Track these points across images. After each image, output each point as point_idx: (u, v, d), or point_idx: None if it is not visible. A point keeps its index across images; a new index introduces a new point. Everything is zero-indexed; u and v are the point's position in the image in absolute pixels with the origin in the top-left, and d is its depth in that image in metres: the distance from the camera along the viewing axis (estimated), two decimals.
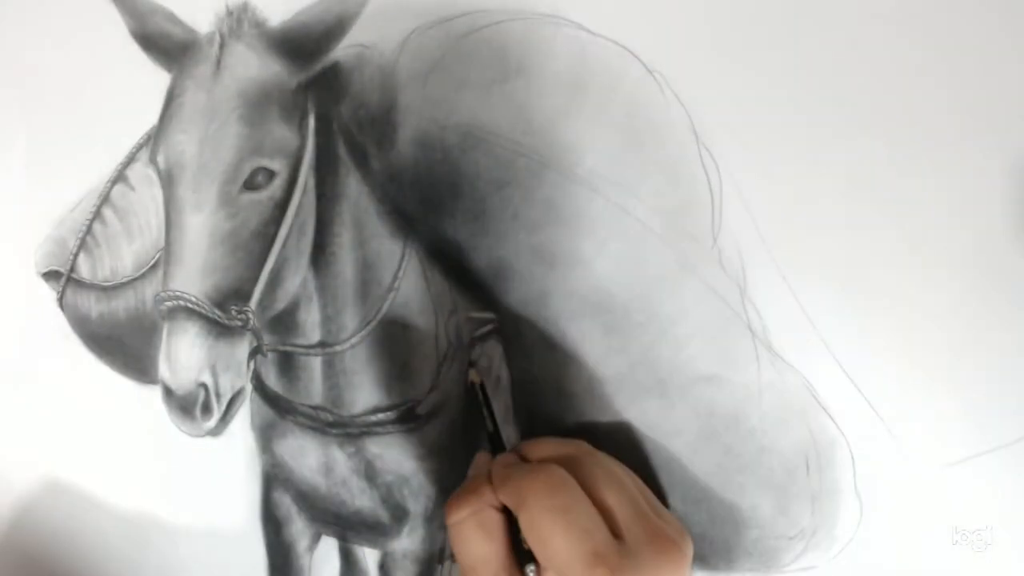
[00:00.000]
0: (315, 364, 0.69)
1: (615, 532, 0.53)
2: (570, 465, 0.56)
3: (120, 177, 0.72)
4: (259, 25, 0.65)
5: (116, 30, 0.66)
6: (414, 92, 0.65)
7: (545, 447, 0.60)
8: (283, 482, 0.74)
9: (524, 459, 0.60)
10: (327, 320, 0.68)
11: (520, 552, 0.55)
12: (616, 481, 0.57)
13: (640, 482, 0.61)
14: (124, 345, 0.73)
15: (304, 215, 0.64)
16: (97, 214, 0.72)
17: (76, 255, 0.72)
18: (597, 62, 0.64)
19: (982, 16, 0.59)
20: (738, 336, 0.65)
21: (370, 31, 0.65)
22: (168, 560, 0.76)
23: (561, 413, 0.68)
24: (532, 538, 0.53)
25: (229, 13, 0.64)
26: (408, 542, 0.72)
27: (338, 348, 0.68)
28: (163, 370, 0.61)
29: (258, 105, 0.62)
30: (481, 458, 0.66)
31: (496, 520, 0.56)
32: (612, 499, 0.55)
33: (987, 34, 0.59)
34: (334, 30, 0.63)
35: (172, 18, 0.66)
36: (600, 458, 0.59)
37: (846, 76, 0.61)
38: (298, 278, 0.65)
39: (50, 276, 0.74)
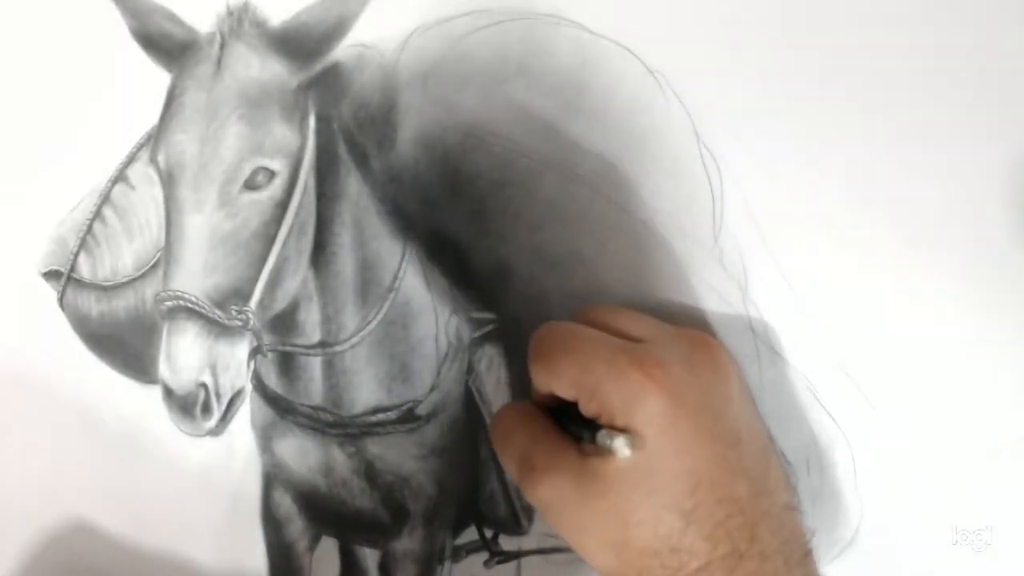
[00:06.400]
0: (315, 364, 0.69)
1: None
2: None
3: (121, 176, 0.71)
4: (260, 25, 0.64)
5: (116, 30, 0.66)
6: (414, 92, 0.65)
7: None
8: (283, 482, 0.74)
9: None
10: (327, 320, 0.68)
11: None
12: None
13: None
14: (124, 345, 0.73)
15: (304, 215, 0.64)
16: (97, 213, 0.71)
17: (76, 255, 0.72)
18: (597, 62, 0.64)
19: (982, 16, 0.59)
20: (739, 336, 0.65)
21: (371, 31, 0.65)
22: (168, 560, 0.76)
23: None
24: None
25: (230, 13, 0.64)
26: (408, 542, 0.72)
27: (338, 348, 0.68)
28: (163, 370, 0.61)
29: (259, 105, 0.62)
30: None
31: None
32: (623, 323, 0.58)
33: (987, 34, 0.59)
34: (335, 30, 0.63)
35: (172, 18, 0.66)
36: None
37: (847, 76, 0.61)
38: (298, 278, 0.65)
39: (50, 276, 0.74)
